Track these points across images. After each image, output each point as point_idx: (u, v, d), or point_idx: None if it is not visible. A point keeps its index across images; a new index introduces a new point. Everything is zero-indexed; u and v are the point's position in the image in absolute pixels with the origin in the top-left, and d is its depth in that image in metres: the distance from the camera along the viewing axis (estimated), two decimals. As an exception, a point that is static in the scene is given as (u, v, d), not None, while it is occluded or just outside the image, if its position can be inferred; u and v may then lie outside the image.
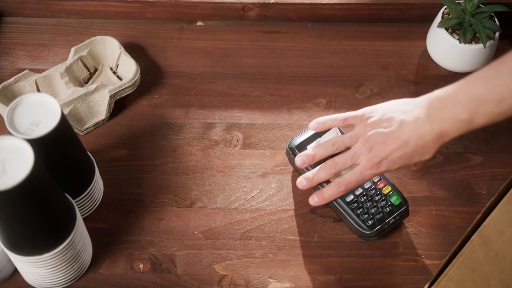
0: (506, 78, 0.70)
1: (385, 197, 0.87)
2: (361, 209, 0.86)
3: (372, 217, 0.86)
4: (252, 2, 1.08)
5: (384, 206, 0.86)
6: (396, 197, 0.87)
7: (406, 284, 0.86)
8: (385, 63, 1.06)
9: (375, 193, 0.87)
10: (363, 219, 0.86)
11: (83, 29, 1.08)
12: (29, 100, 0.77)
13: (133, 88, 0.99)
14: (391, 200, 0.87)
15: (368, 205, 0.86)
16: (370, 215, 0.86)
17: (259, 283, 0.85)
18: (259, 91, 1.02)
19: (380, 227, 0.86)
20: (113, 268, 0.86)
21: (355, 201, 0.86)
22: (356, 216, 0.86)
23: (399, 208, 0.86)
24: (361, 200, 0.86)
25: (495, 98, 0.71)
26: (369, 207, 0.86)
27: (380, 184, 0.87)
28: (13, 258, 0.79)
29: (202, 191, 0.93)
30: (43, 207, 0.72)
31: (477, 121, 0.74)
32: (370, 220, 0.85)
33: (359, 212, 0.86)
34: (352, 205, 0.86)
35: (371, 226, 0.85)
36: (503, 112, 0.71)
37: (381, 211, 0.86)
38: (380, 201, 0.86)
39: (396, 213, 0.86)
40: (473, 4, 0.98)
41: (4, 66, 1.04)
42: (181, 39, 1.08)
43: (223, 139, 0.97)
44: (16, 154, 0.68)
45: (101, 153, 0.95)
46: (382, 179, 0.88)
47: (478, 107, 0.73)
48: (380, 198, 0.86)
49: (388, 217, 0.86)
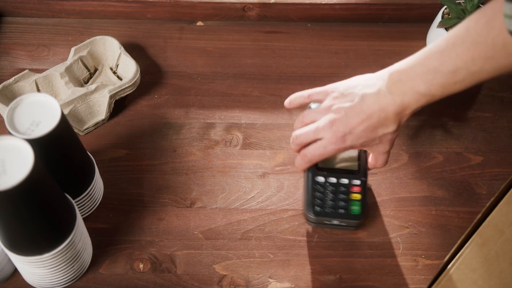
0: (458, 50, 0.70)
1: (348, 201, 0.85)
2: (321, 194, 0.85)
3: (322, 206, 0.84)
4: (252, 2, 1.08)
5: (340, 206, 0.85)
6: (357, 207, 0.85)
7: (406, 284, 0.86)
8: (385, 63, 1.05)
9: (344, 191, 0.85)
10: (315, 202, 0.84)
11: (83, 29, 1.08)
12: (29, 100, 0.77)
13: (133, 88, 0.99)
14: (350, 206, 0.85)
15: (329, 196, 0.85)
16: (323, 204, 0.85)
17: (259, 283, 0.85)
18: (259, 91, 1.02)
19: (322, 218, 0.85)
20: (113, 268, 0.86)
21: (322, 185, 0.85)
22: (312, 196, 0.85)
23: (351, 218, 0.85)
24: (327, 188, 0.85)
25: (450, 69, 0.72)
26: (328, 198, 0.85)
27: (355, 188, 0.86)
28: (13, 258, 0.79)
29: (202, 191, 0.93)
30: (43, 207, 0.72)
31: (435, 92, 0.75)
32: (319, 207, 0.84)
33: (317, 195, 0.85)
34: (316, 185, 0.85)
35: (315, 213, 0.84)
36: (459, 82, 0.72)
37: (334, 208, 0.85)
38: (341, 200, 0.85)
39: (346, 219, 0.85)
40: (473, 4, 0.98)
41: (4, 66, 1.04)
42: (181, 39, 1.08)
43: (223, 139, 0.97)
44: (16, 154, 0.68)
45: (101, 153, 0.95)
46: (360, 185, 0.86)
47: (434, 79, 0.73)
48: (343, 198, 0.85)
49: (336, 217, 0.85)
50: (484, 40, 0.67)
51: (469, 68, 0.70)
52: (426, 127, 0.99)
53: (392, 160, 0.96)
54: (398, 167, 0.95)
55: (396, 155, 0.96)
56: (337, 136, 0.79)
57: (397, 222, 0.90)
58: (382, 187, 0.93)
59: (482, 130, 0.99)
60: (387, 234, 0.89)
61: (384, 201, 0.92)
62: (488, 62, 0.68)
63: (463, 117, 1.01)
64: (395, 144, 0.96)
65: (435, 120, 1.00)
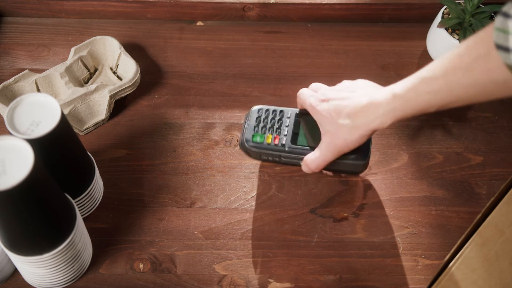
0: (442, 60, 0.72)
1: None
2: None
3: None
4: (252, 2, 1.08)
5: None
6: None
7: (406, 284, 0.86)
8: (385, 63, 1.06)
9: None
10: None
11: (83, 29, 1.08)
12: (29, 100, 0.77)
13: (133, 88, 0.99)
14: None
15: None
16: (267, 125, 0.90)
17: (259, 283, 0.85)
18: (259, 91, 1.02)
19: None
20: (113, 268, 0.86)
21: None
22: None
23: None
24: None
25: (427, 74, 0.73)
26: (271, 123, 0.90)
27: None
28: (13, 258, 0.79)
29: (202, 191, 0.93)
30: (43, 207, 0.72)
31: (405, 95, 0.76)
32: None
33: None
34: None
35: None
36: (433, 92, 0.73)
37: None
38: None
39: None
40: (473, 4, 0.98)
41: (4, 66, 1.04)
42: (181, 39, 1.08)
43: (223, 139, 0.97)
44: (16, 154, 0.68)
45: (101, 153, 0.95)
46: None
47: (408, 81, 0.76)
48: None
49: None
50: (471, 58, 0.68)
51: (446, 77, 0.70)
52: (426, 127, 0.99)
53: (392, 160, 0.96)
54: (398, 167, 0.95)
55: (396, 155, 0.96)
56: (321, 97, 0.84)
57: (397, 222, 0.90)
58: (382, 187, 0.93)
59: (482, 130, 0.99)
60: (387, 234, 0.89)
61: (384, 201, 0.92)
62: (466, 75, 0.68)
63: (463, 117, 1.01)
64: (395, 144, 0.97)
65: (435, 120, 1.00)
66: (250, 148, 0.89)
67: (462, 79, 0.69)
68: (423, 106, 0.75)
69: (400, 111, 0.77)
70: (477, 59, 0.66)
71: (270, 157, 0.90)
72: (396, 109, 0.77)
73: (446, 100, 0.72)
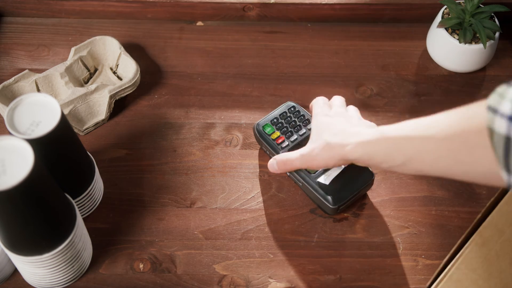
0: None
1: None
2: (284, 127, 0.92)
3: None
4: (252, 2, 1.08)
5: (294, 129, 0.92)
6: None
7: (406, 284, 0.86)
8: (385, 63, 1.06)
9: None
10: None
11: (83, 29, 1.08)
12: (29, 100, 0.77)
13: (133, 88, 0.99)
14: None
15: (290, 124, 0.92)
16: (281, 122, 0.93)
17: (259, 283, 0.85)
18: (259, 91, 1.02)
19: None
20: (113, 268, 0.86)
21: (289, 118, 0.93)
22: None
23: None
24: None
25: (415, 120, 0.70)
26: (289, 125, 0.92)
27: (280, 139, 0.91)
28: (13, 258, 0.79)
29: (202, 191, 0.93)
30: (43, 207, 0.72)
31: (385, 129, 0.73)
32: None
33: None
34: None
35: None
36: (415, 138, 0.69)
37: (286, 126, 0.92)
38: (296, 126, 0.92)
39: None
40: (473, 4, 0.98)
41: (4, 66, 1.04)
42: (181, 39, 1.08)
43: (223, 139, 0.97)
44: (16, 154, 0.68)
45: (101, 153, 0.95)
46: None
47: (396, 121, 0.73)
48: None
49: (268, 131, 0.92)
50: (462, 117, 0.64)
51: (428, 124, 0.67)
52: (426, 127, 0.99)
53: (392, 160, 0.96)
54: (398, 167, 0.95)
55: (396, 155, 0.96)
56: (328, 112, 0.85)
57: (397, 222, 0.90)
58: (382, 187, 0.93)
59: (482, 130, 0.99)
60: (387, 234, 0.89)
61: (384, 201, 0.92)
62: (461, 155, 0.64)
63: (463, 117, 1.00)
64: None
65: (435, 120, 1.00)
66: (256, 132, 0.93)
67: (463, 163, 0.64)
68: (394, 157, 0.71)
69: (372, 147, 0.74)
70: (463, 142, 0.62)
71: (267, 151, 0.92)
72: (369, 142, 0.74)
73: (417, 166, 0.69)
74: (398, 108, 1.01)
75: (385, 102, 1.01)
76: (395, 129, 0.72)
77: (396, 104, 1.01)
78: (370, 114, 1.00)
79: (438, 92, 1.03)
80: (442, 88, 1.03)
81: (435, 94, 1.02)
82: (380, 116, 0.99)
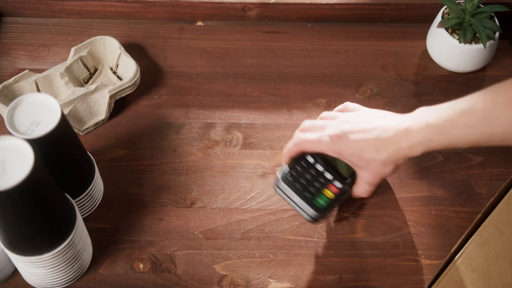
0: (484, 94, 0.70)
1: (319, 190, 0.84)
2: (302, 169, 0.84)
3: (295, 177, 0.84)
4: (252, 2, 1.08)
5: (309, 190, 0.84)
6: (323, 203, 0.83)
7: (406, 284, 0.86)
8: (385, 63, 1.06)
9: (321, 182, 0.84)
10: (293, 169, 0.84)
11: (83, 29, 1.08)
12: (29, 100, 0.77)
13: (133, 88, 0.99)
14: (318, 197, 0.84)
15: (307, 175, 0.84)
16: (298, 176, 0.84)
17: (259, 283, 0.85)
18: (259, 91, 1.02)
19: (287, 185, 0.83)
20: (113, 268, 0.86)
21: (308, 163, 0.84)
22: (293, 164, 0.84)
23: (311, 206, 0.83)
24: (310, 169, 0.84)
25: (465, 107, 0.71)
26: (305, 175, 0.84)
27: (332, 187, 0.84)
28: (13, 258, 0.79)
29: (202, 191, 0.93)
30: (43, 207, 0.72)
31: (441, 126, 0.72)
32: (292, 175, 0.83)
33: (297, 168, 0.84)
34: (303, 161, 0.84)
35: (285, 176, 0.83)
36: (468, 126, 0.70)
37: (302, 186, 0.83)
38: (313, 185, 0.84)
39: (306, 204, 0.83)
40: (473, 4, 0.98)
41: (4, 66, 1.04)
42: (181, 39, 1.08)
43: (223, 139, 0.97)
44: (16, 154, 0.68)
45: (101, 153, 0.95)
46: (339, 189, 0.84)
47: (446, 111, 0.72)
48: (316, 186, 0.84)
49: (298, 194, 0.83)
50: None
51: (486, 111, 0.68)
52: (426, 127, 0.99)
53: (392, 160, 0.95)
54: (398, 167, 0.95)
55: (396, 155, 0.96)
56: (335, 133, 0.79)
57: (397, 222, 0.90)
58: (382, 187, 0.93)
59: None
60: (387, 234, 0.89)
61: (384, 201, 0.92)
62: (505, 112, 0.66)
63: (463, 117, 1.00)
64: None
65: (435, 120, 1.00)
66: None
67: (501, 116, 0.67)
68: (457, 139, 0.72)
69: (433, 142, 0.73)
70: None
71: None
72: (430, 139, 0.73)
73: (481, 136, 0.70)
74: (398, 108, 1.01)
75: (385, 102, 1.01)
76: (438, 117, 0.72)
77: (396, 104, 1.01)
78: (370, 114, 1.00)
79: (438, 92, 1.03)
80: (442, 88, 1.03)
81: (435, 94, 1.02)
82: (380, 116, 0.99)
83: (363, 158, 0.78)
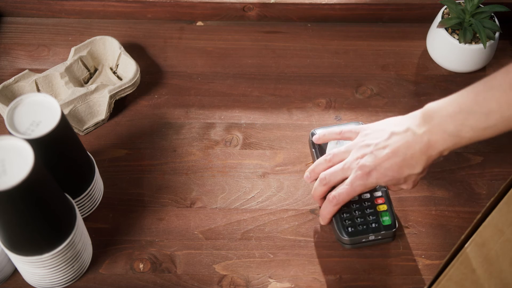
0: (494, 92, 0.69)
1: (377, 213, 0.85)
2: (348, 214, 0.85)
3: (354, 226, 0.84)
4: (252, 2, 1.08)
5: (371, 221, 0.84)
6: (388, 217, 0.85)
7: (406, 284, 0.86)
8: (385, 63, 1.06)
9: (369, 205, 0.85)
10: (345, 224, 0.84)
11: (83, 29, 1.08)
12: (29, 100, 0.77)
13: (133, 88, 0.99)
14: (381, 218, 0.85)
15: (356, 213, 0.85)
16: (354, 223, 0.84)
17: (259, 283, 0.85)
18: (259, 91, 1.02)
19: (358, 238, 0.84)
20: (113, 268, 0.86)
21: (347, 205, 0.85)
22: (340, 219, 0.85)
23: (386, 229, 0.85)
24: (352, 206, 0.85)
25: (483, 111, 0.71)
26: (356, 216, 0.85)
27: (378, 200, 0.86)
28: (13, 258, 0.79)
29: (202, 191, 0.93)
30: (43, 207, 0.72)
31: (464, 134, 0.73)
32: (351, 228, 0.84)
33: (344, 217, 0.85)
34: (341, 208, 0.84)
35: (350, 234, 0.84)
36: (490, 127, 0.71)
37: (366, 224, 0.84)
38: (370, 214, 0.85)
39: (381, 232, 0.85)
40: (473, 4, 0.98)
41: (4, 66, 1.04)
42: (181, 39, 1.08)
43: (223, 139, 0.97)
44: (16, 154, 0.68)
45: (101, 153, 0.95)
46: (382, 195, 0.86)
47: (465, 120, 0.73)
48: (371, 212, 0.85)
49: (370, 232, 0.84)
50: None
51: (503, 113, 0.69)
52: (426, 127, 0.99)
53: (392, 160, 0.95)
54: (398, 167, 0.95)
55: (396, 155, 0.96)
56: (363, 171, 0.79)
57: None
58: (382, 187, 0.93)
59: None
60: (387, 234, 0.89)
61: (384, 201, 0.92)
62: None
63: (463, 117, 1.00)
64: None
65: (435, 120, 1.00)
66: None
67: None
68: (480, 138, 0.73)
69: (458, 144, 0.75)
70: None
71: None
72: (456, 143, 0.75)
73: (503, 129, 0.71)
74: (398, 108, 1.01)
75: (385, 102, 1.01)
76: (454, 124, 0.74)
77: (396, 104, 1.01)
78: (370, 114, 1.00)
79: (438, 92, 1.03)
80: (442, 88, 1.03)
81: (435, 94, 1.02)
82: (380, 116, 0.99)
83: (400, 178, 0.80)
